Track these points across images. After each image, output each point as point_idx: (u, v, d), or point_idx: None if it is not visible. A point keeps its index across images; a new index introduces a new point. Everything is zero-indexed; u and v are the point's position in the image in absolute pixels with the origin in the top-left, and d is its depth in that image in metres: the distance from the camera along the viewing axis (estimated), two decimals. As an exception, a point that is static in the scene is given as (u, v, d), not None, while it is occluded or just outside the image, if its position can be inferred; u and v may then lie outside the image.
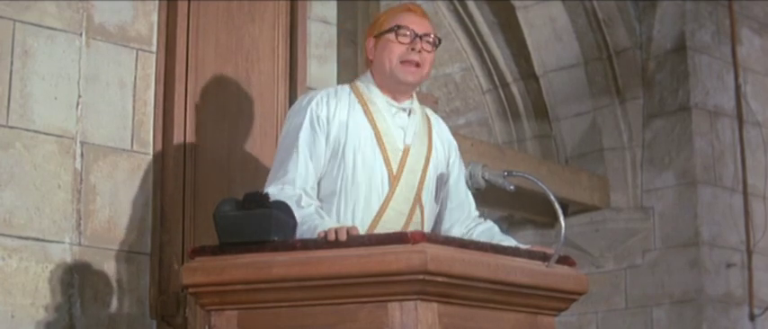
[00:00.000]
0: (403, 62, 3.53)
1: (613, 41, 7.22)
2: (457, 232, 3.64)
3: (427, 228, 3.57)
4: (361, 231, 3.31)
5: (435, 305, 3.06)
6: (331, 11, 5.12)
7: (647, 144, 7.19)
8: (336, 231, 3.14)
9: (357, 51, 5.33)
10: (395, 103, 3.59)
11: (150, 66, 4.42)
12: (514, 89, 7.68)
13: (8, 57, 4.07)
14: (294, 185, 3.44)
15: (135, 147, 4.34)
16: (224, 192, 4.25)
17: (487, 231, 3.64)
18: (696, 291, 6.86)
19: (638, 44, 7.28)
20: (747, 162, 7.23)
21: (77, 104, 4.22)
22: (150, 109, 4.40)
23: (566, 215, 3.47)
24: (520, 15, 7.35)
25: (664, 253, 7.02)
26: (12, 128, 4.04)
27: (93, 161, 4.22)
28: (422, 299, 3.03)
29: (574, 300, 3.45)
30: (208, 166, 4.42)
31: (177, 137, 4.35)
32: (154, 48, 4.44)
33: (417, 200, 3.53)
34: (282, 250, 3.13)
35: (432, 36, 3.55)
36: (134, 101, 4.36)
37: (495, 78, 7.74)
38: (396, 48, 3.52)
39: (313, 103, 3.55)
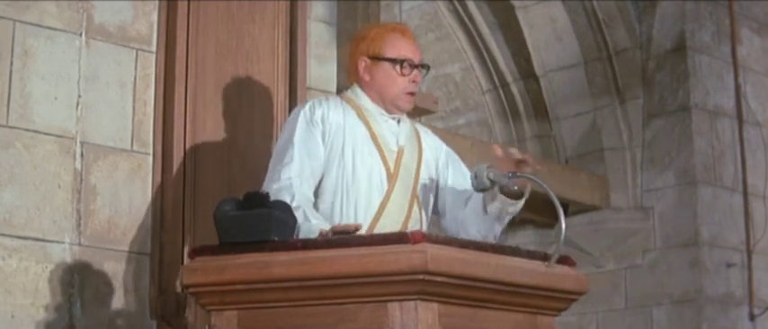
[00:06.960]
0: (405, 93, 3.71)
1: (613, 41, 7.21)
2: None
3: (426, 221, 3.73)
4: (365, 224, 3.49)
5: (435, 305, 3.06)
6: (331, 11, 5.12)
7: (647, 144, 7.18)
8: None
9: (357, 51, 5.33)
10: (385, 113, 3.74)
11: (150, 66, 4.42)
12: (514, 89, 7.66)
13: (8, 57, 4.07)
14: (290, 189, 3.51)
15: (135, 147, 4.34)
16: (224, 192, 4.24)
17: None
18: (696, 291, 6.84)
19: (638, 44, 7.26)
20: (747, 162, 7.22)
21: (77, 104, 4.22)
22: (150, 109, 4.40)
23: (566, 215, 3.46)
24: (520, 15, 7.34)
25: (664, 253, 7.01)
26: (12, 128, 4.04)
27: (93, 161, 4.21)
28: (422, 299, 3.03)
29: (574, 300, 3.45)
30: (208, 166, 4.42)
31: (177, 137, 4.35)
32: (154, 48, 4.44)
33: (414, 195, 3.69)
34: (282, 250, 3.13)
35: (424, 63, 3.74)
36: (134, 101, 4.36)
37: (495, 78, 7.73)
38: (399, 81, 3.70)
39: (306, 108, 3.70)
